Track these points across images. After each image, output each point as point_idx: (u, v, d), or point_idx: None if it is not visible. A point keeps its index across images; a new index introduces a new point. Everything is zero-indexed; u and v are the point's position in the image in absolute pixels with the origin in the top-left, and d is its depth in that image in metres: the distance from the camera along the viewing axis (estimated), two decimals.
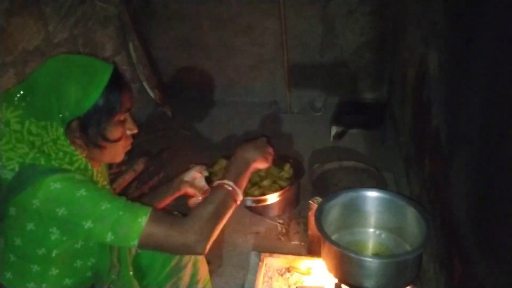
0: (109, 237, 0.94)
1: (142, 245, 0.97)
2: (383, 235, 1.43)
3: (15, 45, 1.98)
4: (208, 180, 1.49)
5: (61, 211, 0.92)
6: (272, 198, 1.88)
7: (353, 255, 1.18)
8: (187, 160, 1.52)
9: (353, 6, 2.85)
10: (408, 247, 1.35)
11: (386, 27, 2.86)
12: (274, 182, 1.96)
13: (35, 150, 0.96)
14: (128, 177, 2.15)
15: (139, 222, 0.95)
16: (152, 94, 2.98)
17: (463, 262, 1.13)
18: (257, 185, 1.93)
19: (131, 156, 2.35)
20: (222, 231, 1.93)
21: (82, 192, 0.94)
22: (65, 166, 0.98)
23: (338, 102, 3.08)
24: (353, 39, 2.96)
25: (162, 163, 2.44)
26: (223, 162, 2.06)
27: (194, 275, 1.35)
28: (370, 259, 1.17)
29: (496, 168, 0.92)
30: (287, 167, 2.02)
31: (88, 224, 0.93)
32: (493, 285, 0.92)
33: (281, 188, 1.91)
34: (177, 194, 1.33)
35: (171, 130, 2.90)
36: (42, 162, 0.95)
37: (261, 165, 1.23)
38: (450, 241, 1.25)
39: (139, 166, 2.23)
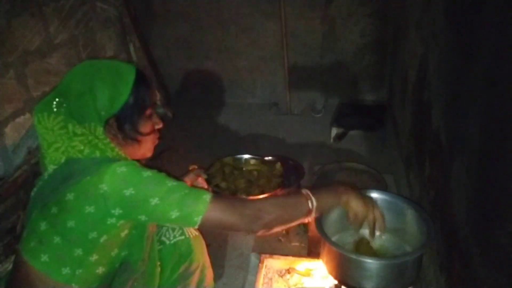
0: (174, 214, 0.99)
1: (204, 222, 1.02)
2: (383, 237, 1.43)
3: (16, 46, 1.97)
4: (207, 182, 1.51)
5: (129, 191, 0.97)
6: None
7: (353, 257, 1.18)
8: (187, 160, 1.52)
9: (354, 8, 2.86)
10: (408, 249, 1.35)
11: (386, 29, 2.86)
12: (269, 180, 1.95)
13: (88, 146, 1.02)
14: None
15: (204, 199, 1.02)
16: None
17: (463, 264, 1.13)
18: (255, 184, 1.92)
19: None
20: (221, 233, 1.95)
21: (148, 173, 1.00)
22: (117, 157, 1.04)
23: (338, 104, 3.09)
24: (354, 40, 2.96)
25: (162, 163, 2.44)
26: (218, 165, 2.05)
27: (201, 282, 1.36)
28: (370, 261, 1.17)
29: (496, 170, 0.93)
30: (278, 165, 2.02)
31: (155, 201, 0.98)
32: (493, 287, 0.92)
33: (277, 185, 1.89)
34: None
35: (171, 131, 2.90)
36: (98, 154, 1.02)
37: (355, 205, 1.19)
38: (450, 243, 1.25)
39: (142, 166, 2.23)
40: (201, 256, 1.36)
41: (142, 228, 1.11)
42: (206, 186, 1.39)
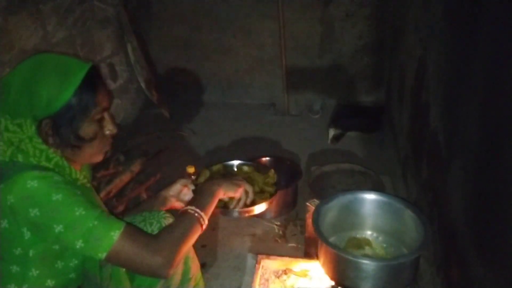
0: (78, 245, 0.94)
1: (110, 259, 0.97)
2: (380, 238, 1.43)
3: (13, 44, 1.97)
4: (195, 192, 1.47)
5: (34, 212, 0.91)
6: (260, 208, 1.58)
7: (350, 258, 1.18)
8: (185, 161, 1.52)
9: (352, 9, 2.86)
10: (405, 250, 1.35)
11: (384, 30, 2.87)
12: (262, 190, 1.84)
13: (13, 148, 0.96)
14: (125, 177, 2.14)
15: (111, 236, 0.95)
16: (149, 95, 2.98)
17: (460, 265, 1.13)
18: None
19: (128, 157, 2.34)
20: (217, 233, 1.94)
21: (58, 195, 0.93)
22: (43, 163, 0.98)
23: (336, 105, 3.09)
24: (352, 42, 2.97)
25: (159, 164, 2.44)
26: (207, 173, 1.97)
27: (185, 273, 1.33)
28: (367, 262, 1.17)
29: (494, 171, 0.92)
30: (271, 173, 1.91)
31: (59, 228, 0.92)
32: None
33: (270, 195, 1.79)
34: (164, 208, 1.33)
35: (168, 131, 2.89)
36: (20, 159, 0.96)
37: (229, 190, 1.30)
38: (448, 244, 1.25)
39: (136, 167, 2.22)
40: None
41: None
42: (189, 198, 1.36)
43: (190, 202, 1.20)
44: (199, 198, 1.21)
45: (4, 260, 0.97)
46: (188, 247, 1.10)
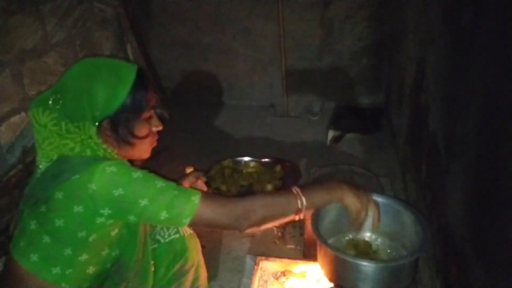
0: (163, 215, 0.99)
1: (193, 222, 1.02)
2: (379, 240, 1.42)
3: (12, 45, 1.96)
4: (206, 185, 1.51)
5: (118, 192, 0.96)
6: None
7: (349, 259, 1.18)
8: (184, 161, 1.52)
9: (352, 11, 2.87)
10: (404, 252, 1.34)
11: (384, 32, 2.87)
12: (269, 182, 1.96)
13: (79, 144, 1.01)
14: None
15: (193, 200, 1.01)
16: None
17: (459, 267, 1.13)
18: (255, 187, 1.92)
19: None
20: (216, 235, 1.94)
21: (137, 173, 0.99)
22: (108, 157, 1.03)
23: (335, 107, 3.09)
24: (351, 43, 2.97)
25: (159, 164, 2.43)
26: (218, 167, 2.06)
27: (195, 280, 1.35)
28: (366, 263, 1.17)
29: (493, 173, 0.93)
30: (278, 168, 2.02)
31: (144, 202, 0.97)
32: None
33: (277, 187, 1.91)
34: None
35: (167, 131, 2.89)
36: (89, 152, 1.01)
37: (349, 200, 1.18)
38: (447, 246, 1.25)
39: (137, 166, 2.22)
40: (196, 254, 1.36)
41: (134, 227, 1.10)
42: (205, 189, 1.38)
43: (304, 187, 1.16)
44: (314, 188, 1.19)
45: (62, 242, 1.01)
46: (275, 216, 1.11)
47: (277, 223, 1.15)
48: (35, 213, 1.03)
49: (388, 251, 1.39)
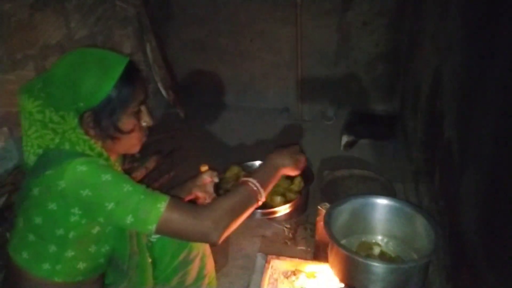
0: (129, 220, 0.97)
1: (159, 231, 1.00)
2: (391, 243, 1.43)
3: (37, 39, 2.02)
4: (218, 186, 1.51)
5: (85, 193, 0.95)
6: (282, 210, 1.89)
7: (360, 259, 1.19)
8: (197, 161, 1.54)
9: (370, 17, 2.88)
10: (415, 256, 1.35)
11: (400, 39, 2.87)
12: (283, 194, 1.95)
13: (60, 136, 1.00)
14: (139, 173, 2.18)
15: (158, 208, 0.99)
16: (165, 95, 3.02)
17: (470, 274, 1.13)
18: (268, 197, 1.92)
19: (143, 154, 2.38)
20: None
21: (107, 175, 0.97)
22: (87, 152, 1.02)
23: (350, 112, 3.10)
24: (368, 50, 2.98)
25: (173, 162, 2.47)
26: (235, 169, 2.07)
27: (201, 269, 1.36)
28: (377, 264, 1.18)
29: (507, 181, 0.93)
30: (297, 180, 2.01)
31: (110, 206, 0.96)
32: None
33: (289, 200, 1.91)
34: (188, 197, 1.37)
35: (182, 131, 2.93)
36: (67, 146, 1.00)
37: (291, 171, 1.29)
38: (458, 253, 1.25)
39: (151, 164, 2.26)
40: (200, 244, 1.36)
41: None
42: (211, 190, 1.39)
43: (252, 174, 1.19)
44: (261, 171, 1.22)
45: (44, 239, 1.01)
46: (240, 218, 1.11)
47: (244, 218, 1.14)
48: (22, 211, 1.04)
49: (399, 254, 1.40)
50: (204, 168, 1.62)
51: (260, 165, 1.26)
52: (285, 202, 1.92)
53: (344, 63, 3.05)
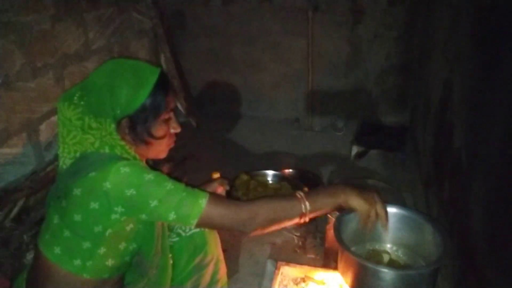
0: (171, 216, 1.04)
1: (200, 224, 1.07)
2: (400, 251, 1.45)
3: (57, 49, 2.09)
4: (228, 194, 1.55)
5: (130, 192, 1.01)
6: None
7: (370, 265, 1.21)
8: (209, 169, 1.58)
9: (380, 30, 2.92)
10: (424, 264, 1.36)
11: (411, 52, 2.90)
12: None
13: (99, 140, 1.07)
14: None
15: (200, 204, 1.06)
16: (179, 104, 3.08)
17: (479, 284, 1.14)
18: None
19: (156, 161, 2.42)
20: (238, 239, 1.99)
21: (150, 175, 1.03)
22: (125, 155, 1.09)
23: (360, 123, 3.12)
24: (378, 62, 3.01)
25: (185, 170, 2.51)
26: (244, 177, 2.09)
27: (215, 274, 1.39)
28: (386, 270, 1.19)
29: None
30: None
31: (154, 203, 1.02)
32: None
33: None
34: None
35: (194, 139, 2.98)
36: (107, 150, 1.07)
37: (354, 201, 1.21)
38: (466, 262, 1.26)
39: (164, 171, 2.29)
40: (215, 249, 1.40)
41: (150, 222, 1.14)
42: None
43: (308, 192, 1.21)
44: (317, 192, 1.23)
45: (80, 236, 1.05)
46: (277, 222, 1.16)
47: (281, 226, 1.18)
48: (57, 208, 1.08)
49: (408, 263, 1.41)
50: (216, 175, 1.66)
51: (320, 186, 1.27)
52: None
53: (355, 75, 3.09)
